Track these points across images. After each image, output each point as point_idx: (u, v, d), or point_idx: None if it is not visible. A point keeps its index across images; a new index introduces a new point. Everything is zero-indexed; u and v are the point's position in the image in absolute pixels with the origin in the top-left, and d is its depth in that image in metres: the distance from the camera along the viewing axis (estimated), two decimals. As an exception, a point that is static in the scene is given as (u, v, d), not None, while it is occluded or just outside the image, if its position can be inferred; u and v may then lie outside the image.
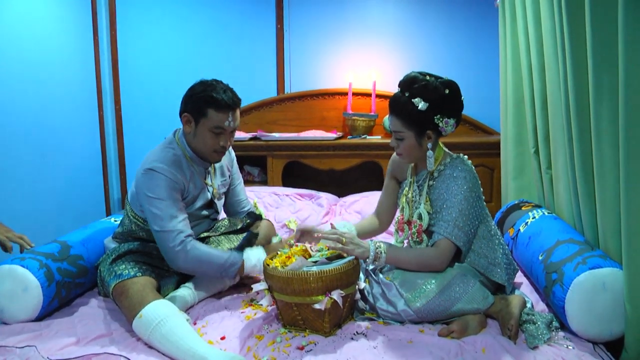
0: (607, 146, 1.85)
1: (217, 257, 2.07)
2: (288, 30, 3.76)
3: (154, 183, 2.07)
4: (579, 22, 1.95)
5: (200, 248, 2.06)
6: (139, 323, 1.82)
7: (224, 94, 2.08)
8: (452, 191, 2.01)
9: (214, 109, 2.08)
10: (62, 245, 2.22)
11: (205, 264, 2.06)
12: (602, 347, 1.77)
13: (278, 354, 1.74)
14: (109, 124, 3.81)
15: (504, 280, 2.05)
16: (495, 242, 2.09)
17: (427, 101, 1.95)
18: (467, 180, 2.01)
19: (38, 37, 3.05)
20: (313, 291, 1.82)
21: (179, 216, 2.07)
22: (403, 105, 1.99)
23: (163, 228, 2.04)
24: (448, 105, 1.98)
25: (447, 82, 1.99)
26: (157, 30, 3.79)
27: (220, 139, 2.13)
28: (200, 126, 2.11)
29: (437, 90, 1.96)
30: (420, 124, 1.99)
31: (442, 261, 1.97)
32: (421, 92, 1.96)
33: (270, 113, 3.76)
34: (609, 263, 1.82)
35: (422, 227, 2.04)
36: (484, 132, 3.65)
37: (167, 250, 2.05)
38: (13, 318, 1.99)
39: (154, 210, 2.06)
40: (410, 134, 2.02)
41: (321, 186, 3.58)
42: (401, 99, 1.99)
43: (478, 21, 3.63)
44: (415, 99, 1.96)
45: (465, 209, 1.99)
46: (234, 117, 2.12)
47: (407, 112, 1.98)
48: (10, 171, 2.82)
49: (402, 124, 2.01)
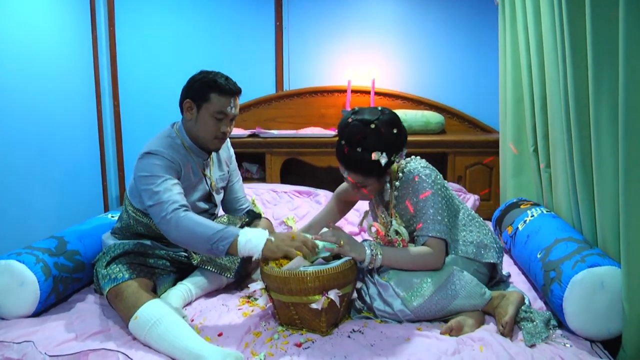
0: (606, 145, 1.85)
1: (209, 228, 1.90)
2: (287, 27, 3.75)
3: (152, 162, 2.06)
4: (579, 20, 1.95)
5: (192, 217, 1.95)
6: (135, 324, 1.81)
7: (226, 80, 2.13)
8: (417, 192, 2.00)
9: (217, 93, 2.11)
10: (58, 241, 2.21)
11: (195, 235, 1.90)
12: (600, 346, 1.77)
13: (275, 350, 1.74)
14: (107, 120, 3.80)
15: (495, 259, 2.07)
16: (477, 225, 2.11)
17: (384, 150, 1.92)
18: (428, 176, 2.00)
19: (36, 33, 3.04)
20: (310, 291, 1.82)
21: (173, 189, 2.02)
22: (360, 163, 1.94)
23: (157, 201, 1.99)
24: (400, 142, 1.98)
25: (389, 119, 1.95)
26: (156, 27, 3.78)
27: (222, 125, 2.15)
28: (203, 111, 2.13)
29: (388, 136, 1.93)
30: (381, 170, 1.97)
31: (439, 259, 1.97)
32: (374, 144, 1.91)
33: (269, 110, 3.76)
34: (608, 261, 1.82)
35: (405, 240, 2.03)
36: (483, 131, 3.65)
37: (160, 221, 1.98)
38: (10, 313, 1.98)
39: (148, 187, 2.02)
40: (372, 180, 2.01)
41: (319, 183, 3.57)
42: (356, 156, 1.93)
43: (477, 18, 3.63)
44: (374, 153, 1.91)
45: (437, 202, 1.99)
46: (235, 104, 2.15)
47: (365, 166, 1.95)
48: (9, 167, 2.81)
49: (364, 176, 1.99)
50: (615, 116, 1.77)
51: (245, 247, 1.87)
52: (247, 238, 1.88)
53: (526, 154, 2.86)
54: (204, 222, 1.93)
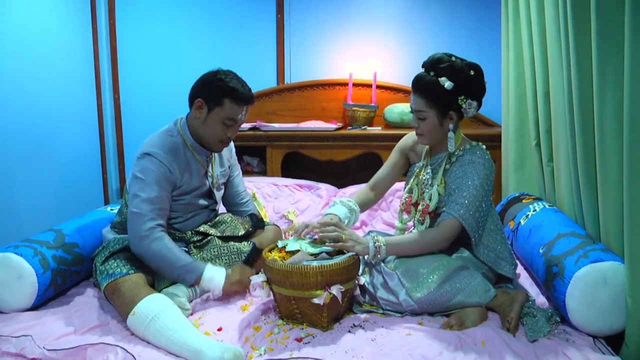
0: (610, 139, 1.83)
1: (179, 259, 2.01)
2: (288, 20, 3.72)
3: (147, 166, 2.06)
4: (583, 13, 1.93)
5: (164, 241, 2.02)
6: (133, 320, 1.80)
7: (242, 87, 2.10)
8: (469, 176, 2.00)
9: (232, 101, 2.09)
10: (57, 234, 2.20)
11: (162, 260, 2.01)
12: (603, 341, 1.76)
13: (276, 345, 1.73)
14: (108, 114, 3.79)
15: (511, 274, 2.06)
16: (501, 236, 2.10)
17: (452, 81, 1.95)
18: (486, 167, 2.01)
19: (36, 26, 3.02)
20: (312, 285, 1.80)
21: (158, 204, 2.05)
22: (427, 84, 1.98)
23: (137, 209, 2.02)
24: (472, 87, 1.99)
25: (473, 64, 2.00)
26: (156, 20, 3.75)
27: (229, 131, 2.14)
28: (214, 114, 2.11)
29: (463, 71, 1.96)
30: (444, 103, 1.99)
31: (444, 239, 1.98)
32: (447, 72, 1.96)
33: (269, 103, 3.74)
34: (611, 257, 1.81)
35: (428, 207, 2.03)
36: (485, 125, 3.63)
37: (133, 233, 2.02)
38: (8, 306, 1.97)
39: (136, 191, 2.05)
40: (432, 113, 2.01)
41: (320, 177, 3.56)
42: (426, 78, 1.99)
43: (480, 11, 3.59)
44: (441, 78, 1.95)
45: (479, 194, 1.98)
46: (246, 111, 2.15)
47: (432, 91, 1.98)
48: (8, 161, 2.79)
49: (426, 103, 2.00)
50: (619, 110, 1.76)
51: (208, 285, 2.03)
52: (209, 277, 2.02)
53: (528, 148, 2.85)
54: (173, 249, 2.03)
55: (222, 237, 2.28)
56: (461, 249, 2.06)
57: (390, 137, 3.34)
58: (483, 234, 2.04)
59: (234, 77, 2.12)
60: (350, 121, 3.56)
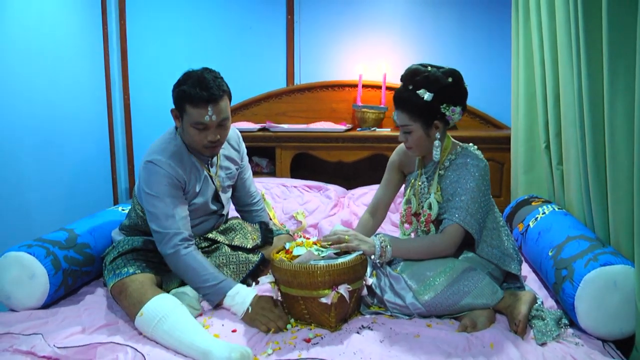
0: (621, 142, 1.83)
1: (206, 275, 2.00)
2: (298, 21, 3.73)
3: (153, 178, 2.04)
4: (594, 16, 1.92)
5: (195, 257, 2.02)
6: (141, 321, 1.81)
7: (199, 86, 1.96)
8: (464, 179, 2.01)
9: (190, 105, 1.98)
10: (69, 234, 2.22)
11: (192, 273, 2.01)
12: (612, 345, 1.75)
13: (284, 345, 1.73)
14: (117, 114, 3.80)
15: (517, 270, 2.06)
16: (504, 233, 2.10)
17: (431, 91, 1.96)
18: (480, 168, 2.02)
19: (47, 29, 3.04)
20: (320, 285, 1.81)
21: (176, 215, 2.03)
22: (407, 98, 2.00)
23: (159, 228, 2.03)
24: (452, 93, 1.99)
25: (449, 71, 2.00)
26: (167, 21, 3.76)
27: (207, 134, 2.02)
28: (184, 122, 2.04)
29: (440, 80, 1.97)
30: (427, 114, 2.00)
31: (450, 245, 1.97)
32: (424, 83, 1.97)
33: (279, 104, 3.74)
34: (621, 260, 1.80)
35: (431, 216, 2.04)
36: (494, 127, 3.62)
37: (162, 250, 2.04)
38: (20, 305, 1.99)
39: (151, 209, 2.04)
40: (417, 125, 2.02)
41: (329, 178, 3.56)
42: (405, 92, 2.01)
43: (490, 13, 3.59)
44: (420, 90, 1.97)
45: (477, 196, 1.99)
46: (215, 110, 1.98)
47: (413, 105, 1.99)
48: (19, 160, 2.81)
49: (409, 117, 2.02)
50: (630, 113, 1.75)
51: (231, 308, 1.97)
52: (231, 302, 1.96)
53: (538, 151, 2.84)
54: (204, 265, 2.02)
55: (231, 246, 2.26)
56: (465, 250, 2.06)
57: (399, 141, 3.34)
58: (483, 232, 2.04)
59: (195, 79, 1.99)
60: (360, 122, 3.57)
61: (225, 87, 2.05)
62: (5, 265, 2.01)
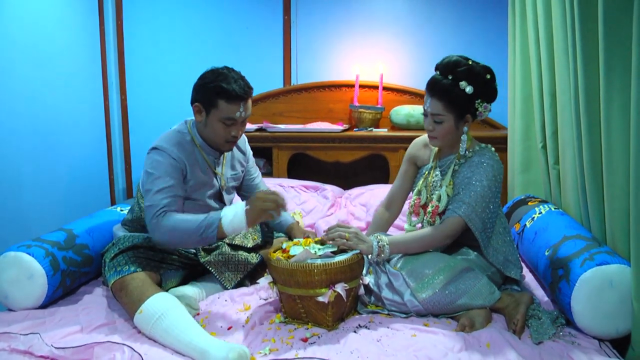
0: (617, 142, 1.83)
1: (192, 222, 1.94)
2: (295, 22, 3.73)
3: (155, 159, 2.07)
4: (590, 15, 1.93)
5: (174, 216, 1.98)
6: (140, 318, 1.82)
7: (235, 84, 2.04)
8: (477, 176, 2.01)
9: (225, 100, 2.04)
10: (68, 234, 2.22)
11: (180, 231, 1.95)
12: (609, 344, 1.76)
13: (281, 345, 1.74)
14: (114, 114, 3.80)
15: (519, 276, 2.06)
16: (508, 239, 2.10)
17: (471, 85, 1.96)
18: (494, 169, 2.02)
19: (43, 27, 3.04)
20: (317, 284, 1.81)
21: (169, 192, 2.02)
22: (446, 88, 1.98)
23: (150, 202, 2.01)
24: (488, 90, 2.00)
25: (487, 67, 2.01)
26: (164, 20, 3.76)
27: (232, 130, 2.10)
28: (211, 116, 2.09)
29: (480, 75, 1.98)
30: (463, 107, 2.00)
31: (447, 235, 1.99)
32: (466, 75, 1.97)
33: (276, 104, 3.75)
34: (617, 260, 1.81)
35: (438, 208, 2.04)
36: (491, 127, 3.62)
37: (148, 223, 2.02)
38: (17, 305, 1.99)
39: (148, 186, 2.04)
40: (450, 117, 2.01)
41: (326, 178, 3.56)
42: (443, 81, 1.99)
43: (487, 13, 3.59)
44: (461, 82, 1.96)
45: (487, 195, 1.99)
46: (245, 107, 2.09)
47: (451, 96, 1.98)
48: (16, 161, 2.81)
49: (444, 107, 2.00)
50: (627, 113, 1.76)
51: (231, 226, 1.91)
52: (229, 219, 1.91)
53: (535, 151, 2.84)
54: (186, 217, 1.98)
55: (231, 245, 2.27)
56: (467, 250, 2.06)
57: (396, 139, 3.34)
58: (492, 236, 2.04)
59: (227, 75, 2.06)
60: (357, 123, 3.57)
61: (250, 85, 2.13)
62: (3, 265, 2.01)
